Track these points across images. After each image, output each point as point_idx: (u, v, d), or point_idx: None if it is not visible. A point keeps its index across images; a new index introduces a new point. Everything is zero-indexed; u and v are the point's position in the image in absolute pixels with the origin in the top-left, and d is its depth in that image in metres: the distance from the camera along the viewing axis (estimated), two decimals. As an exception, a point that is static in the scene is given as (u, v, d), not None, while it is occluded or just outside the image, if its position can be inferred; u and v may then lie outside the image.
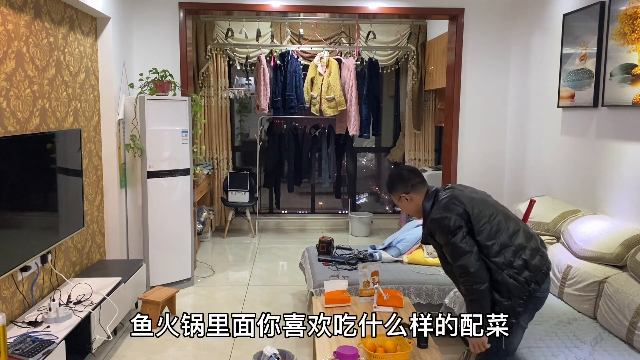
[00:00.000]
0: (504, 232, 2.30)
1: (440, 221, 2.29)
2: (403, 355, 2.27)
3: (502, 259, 2.26)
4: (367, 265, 3.02)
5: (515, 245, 2.30)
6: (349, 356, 2.24)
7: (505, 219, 2.35)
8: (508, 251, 2.28)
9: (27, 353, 2.45)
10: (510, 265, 2.26)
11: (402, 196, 2.47)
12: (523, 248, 2.31)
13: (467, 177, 5.03)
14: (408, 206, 2.48)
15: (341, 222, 6.92)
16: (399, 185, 2.46)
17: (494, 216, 2.33)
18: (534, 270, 2.29)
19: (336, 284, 3.08)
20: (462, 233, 2.25)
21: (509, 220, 2.36)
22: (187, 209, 4.50)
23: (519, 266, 2.27)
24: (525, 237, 2.35)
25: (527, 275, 2.27)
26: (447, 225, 2.26)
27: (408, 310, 2.88)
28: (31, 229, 2.99)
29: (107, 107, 4.18)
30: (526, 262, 2.28)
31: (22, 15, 2.99)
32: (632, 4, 3.07)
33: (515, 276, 2.26)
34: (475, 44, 4.91)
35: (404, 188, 2.45)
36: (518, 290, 2.26)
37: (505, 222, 2.34)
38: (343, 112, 6.29)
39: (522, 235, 2.34)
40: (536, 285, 2.29)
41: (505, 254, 2.27)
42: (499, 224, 2.31)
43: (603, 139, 3.46)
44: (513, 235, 2.32)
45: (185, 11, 4.74)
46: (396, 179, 2.48)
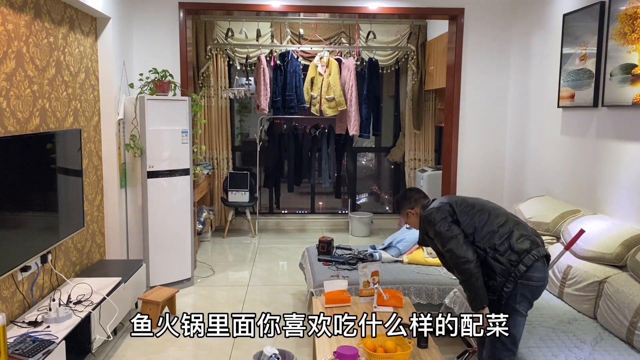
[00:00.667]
0: (491, 221, 2.47)
1: (428, 216, 2.53)
2: (403, 355, 2.27)
3: (486, 243, 2.42)
4: (367, 266, 3.03)
5: (502, 231, 2.44)
6: (349, 356, 2.24)
7: (494, 210, 2.53)
8: (494, 236, 2.43)
9: (27, 353, 2.45)
10: (494, 248, 2.41)
11: (408, 212, 2.74)
12: (510, 233, 2.44)
13: (467, 177, 5.03)
14: (415, 220, 2.72)
15: (341, 222, 6.92)
16: (405, 203, 2.75)
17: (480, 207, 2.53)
18: (519, 252, 2.39)
19: (336, 284, 3.09)
20: (446, 223, 2.44)
21: (497, 211, 2.53)
22: (187, 209, 4.50)
23: (503, 249, 2.40)
24: (514, 225, 2.48)
25: (512, 257, 2.38)
26: (433, 217, 2.49)
27: (408, 310, 2.88)
28: (31, 229, 2.99)
29: (107, 107, 4.18)
30: (511, 245, 2.41)
31: (22, 15, 2.99)
32: (632, 4, 3.07)
33: (498, 257, 2.39)
34: (475, 44, 4.91)
35: (409, 204, 2.74)
36: (502, 271, 2.38)
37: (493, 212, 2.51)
38: (343, 112, 6.29)
39: (511, 223, 2.48)
40: (523, 266, 2.37)
41: (490, 239, 2.42)
42: (488, 215, 2.49)
43: (603, 139, 3.46)
44: (500, 223, 2.47)
45: (185, 11, 4.74)
46: (401, 199, 2.79)
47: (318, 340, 2.50)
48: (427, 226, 2.56)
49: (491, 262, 2.40)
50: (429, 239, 2.63)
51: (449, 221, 2.45)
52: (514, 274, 2.37)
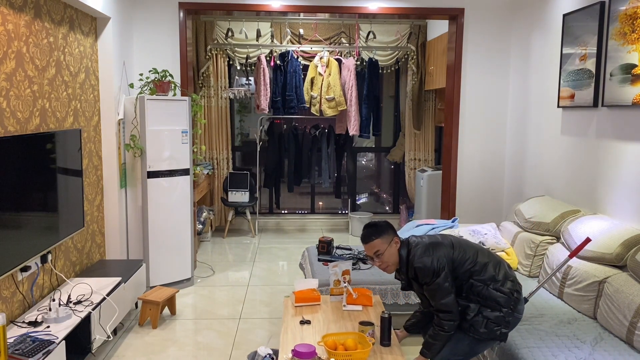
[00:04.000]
0: (480, 254, 2.48)
1: (425, 264, 2.38)
2: (362, 354, 2.29)
3: (486, 275, 2.42)
4: (337, 264, 3.02)
5: (492, 261, 2.47)
6: (306, 354, 2.25)
7: (473, 245, 2.53)
8: (489, 267, 2.44)
9: (27, 353, 2.45)
10: (494, 280, 2.42)
11: (394, 239, 2.48)
12: (499, 262, 2.50)
13: (467, 177, 5.03)
14: (394, 254, 2.47)
15: (341, 222, 6.93)
16: (389, 231, 2.49)
17: (465, 243, 2.52)
18: (513, 280, 2.47)
19: (307, 282, 3.11)
20: (445, 274, 2.37)
21: (477, 247, 2.54)
22: (187, 209, 4.50)
23: (502, 278, 2.43)
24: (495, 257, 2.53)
25: (510, 286, 2.43)
26: (433, 266, 2.37)
27: (377, 309, 2.90)
28: (31, 229, 2.99)
29: (107, 107, 4.18)
30: (506, 273, 2.46)
31: (22, 15, 2.99)
32: (632, 4, 3.07)
33: (500, 288, 2.41)
34: (475, 44, 4.91)
35: (393, 232, 2.50)
36: (505, 301, 2.41)
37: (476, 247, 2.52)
38: (343, 112, 6.29)
39: (493, 256, 2.52)
40: (518, 294, 2.45)
41: (487, 270, 2.43)
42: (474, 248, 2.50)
43: (603, 139, 3.46)
44: (487, 253, 2.51)
45: (185, 11, 4.74)
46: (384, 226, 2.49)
47: (282, 338, 2.53)
48: (422, 275, 2.39)
49: (494, 294, 2.39)
50: (415, 284, 2.51)
51: (446, 272, 2.37)
52: (513, 302, 2.42)
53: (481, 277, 2.41)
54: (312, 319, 2.76)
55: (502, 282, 2.41)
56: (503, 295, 2.40)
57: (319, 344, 2.37)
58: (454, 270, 2.42)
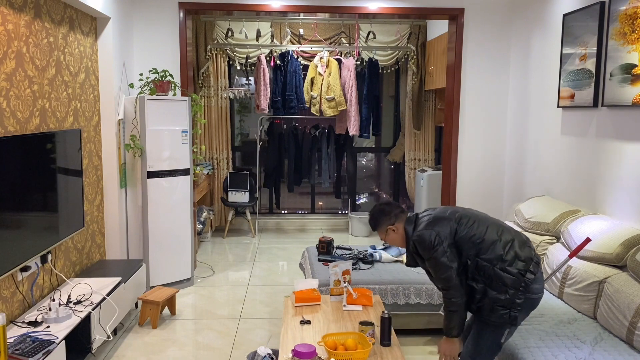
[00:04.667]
0: (490, 230, 2.39)
1: (422, 237, 2.37)
2: (362, 354, 2.29)
3: (492, 254, 2.33)
4: (337, 264, 3.02)
5: (503, 239, 2.37)
6: (306, 354, 2.25)
7: (487, 219, 2.45)
8: (497, 246, 2.34)
9: (27, 353, 2.45)
10: (501, 259, 2.33)
11: (388, 228, 2.51)
12: (511, 241, 2.37)
13: (467, 177, 5.03)
14: (395, 237, 2.53)
15: (341, 222, 6.92)
16: (383, 219, 2.52)
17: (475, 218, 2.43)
18: (526, 260, 2.34)
19: (307, 282, 3.11)
20: (442, 248, 2.32)
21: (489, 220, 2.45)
22: (187, 209, 4.50)
23: (510, 258, 2.33)
24: (510, 233, 2.42)
25: (520, 266, 2.32)
26: (429, 240, 2.34)
27: (377, 309, 2.90)
28: (31, 229, 2.99)
29: (107, 107, 4.18)
30: (517, 253, 2.35)
31: (22, 15, 2.99)
32: (632, 4, 3.07)
33: (507, 268, 2.32)
34: (475, 44, 4.91)
35: (389, 220, 2.51)
36: (513, 282, 2.31)
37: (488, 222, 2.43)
38: (343, 112, 6.29)
39: (507, 232, 2.42)
40: (531, 274, 2.33)
41: (495, 249, 2.34)
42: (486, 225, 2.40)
43: (603, 139, 3.46)
44: (500, 231, 2.40)
45: (185, 11, 4.74)
46: (378, 214, 2.54)
47: (282, 338, 2.53)
48: (420, 248, 2.39)
49: (500, 274, 2.31)
50: (420, 260, 2.48)
51: (444, 247, 2.32)
52: (524, 283, 2.32)
53: (487, 256, 2.32)
54: (312, 319, 2.76)
55: (510, 262, 2.31)
56: (510, 276, 2.30)
57: (319, 344, 2.37)
58: (457, 246, 2.35)
